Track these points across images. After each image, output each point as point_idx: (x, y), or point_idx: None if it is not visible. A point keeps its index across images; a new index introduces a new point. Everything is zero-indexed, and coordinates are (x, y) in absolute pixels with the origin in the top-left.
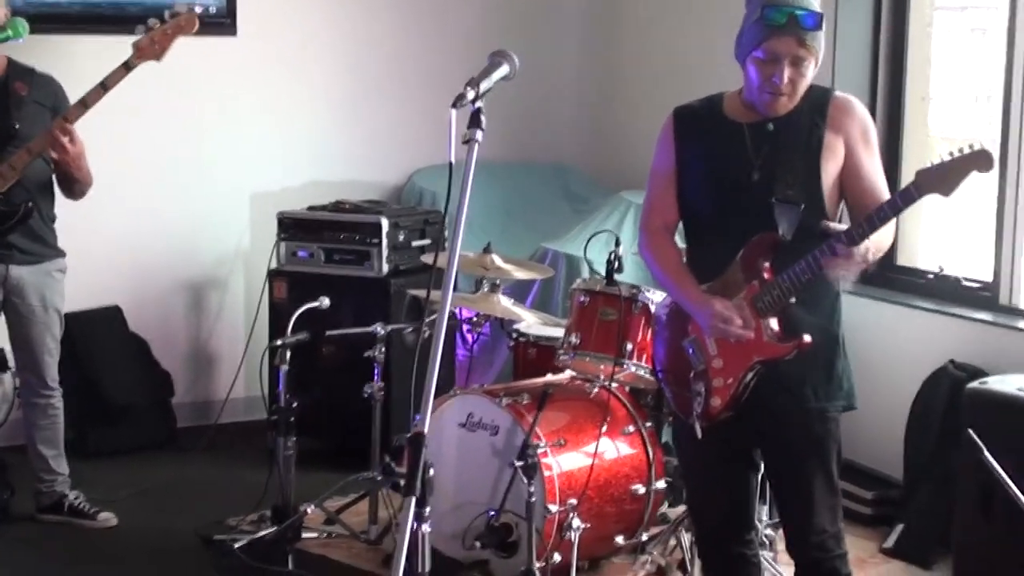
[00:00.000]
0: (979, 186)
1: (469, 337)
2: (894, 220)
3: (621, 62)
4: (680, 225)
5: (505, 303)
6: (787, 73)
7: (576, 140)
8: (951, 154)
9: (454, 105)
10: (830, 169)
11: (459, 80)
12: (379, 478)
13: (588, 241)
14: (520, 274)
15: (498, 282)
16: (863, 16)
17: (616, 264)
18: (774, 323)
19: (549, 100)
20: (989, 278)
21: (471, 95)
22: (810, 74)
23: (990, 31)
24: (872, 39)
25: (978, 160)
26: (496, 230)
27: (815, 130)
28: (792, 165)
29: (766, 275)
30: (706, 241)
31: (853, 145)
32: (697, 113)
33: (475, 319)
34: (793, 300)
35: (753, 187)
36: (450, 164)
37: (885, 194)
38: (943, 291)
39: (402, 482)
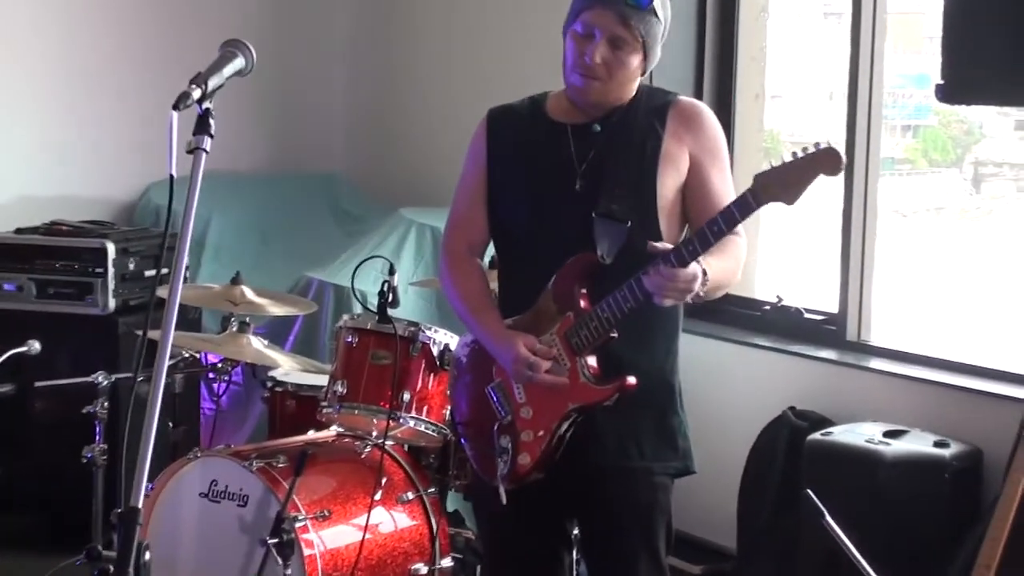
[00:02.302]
0: (822, 201)
1: (216, 387)
2: (742, 254)
3: (404, 57)
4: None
5: (258, 345)
6: (601, 52)
7: (347, 146)
8: (794, 155)
9: (176, 106)
10: (668, 183)
11: None
12: (79, 562)
13: (357, 269)
14: (277, 310)
15: (249, 320)
16: (685, 2)
17: (390, 297)
18: (592, 361)
19: (315, 98)
20: (834, 309)
21: (197, 94)
22: (633, 65)
23: (847, 16)
24: (696, 28)
25: (824, 161)
26: (248, 256)
27: (651, 135)
28: (620, 174)
29: (582, 304)
30: (519, 265)
31: (699, 158)
32: (515, 113)
33: (221, 365)
34: (615, 335)
35: (574, 199)
36: (171, 178)
37: None
38: (782, 325)
39: (111, 569)
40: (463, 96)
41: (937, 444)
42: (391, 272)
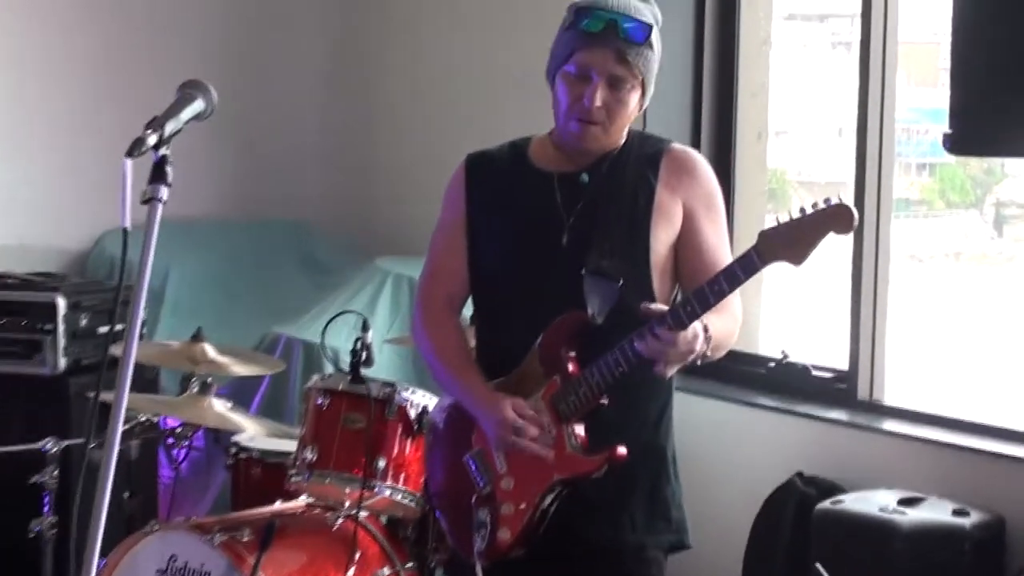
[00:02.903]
0: (830, 246)
1: (176, 454)
2: (739, 311)
3: (380, 98)
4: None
5: (220, 408)
6: (600, 95)
7: (319, 191)
8: (802, 211)
9: (130, 154)
10: (662, 237)
11: None
12: None
13: (328, 324)
14: (241, 369)
15: (211, 380)
16: (681, 34)
17: (364, 355)
18: (580, 430)
19: (283, 140)
20: (844, 366)
21: (152, 140)
22: (632, 103)
23: (855, 46)
24: (694, 63)
25: (835, 218)
26: (210, 311)
27: (644, 186)
28: (611, 228)
29: (570, 368)
30: (500, 323)
31: (693, 211)
32: (495, 160)
33: (180, 430)
34: (605, 401)
35: (561, 254)
36: (124, 231)
37: None
38: (788, 384)
39: None
40: (443, 139)
41: (956, 512)
42: (365, 328)
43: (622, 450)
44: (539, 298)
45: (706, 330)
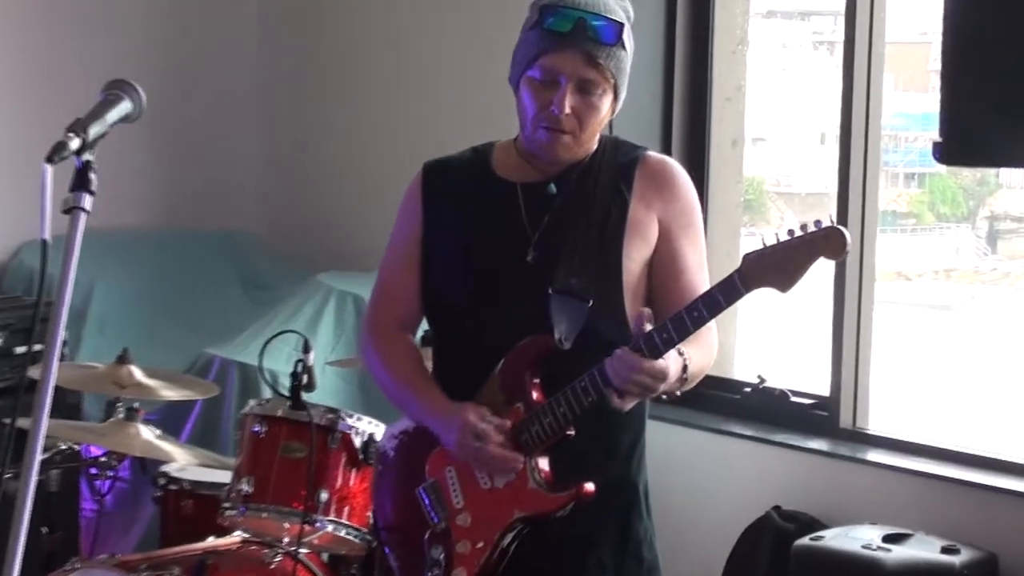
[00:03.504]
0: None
1: (99, 485)
2: (715, 338)
3: (325, 101)
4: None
5: (148, 436)
6: (570, 101)
7: (257, 201)
8: (790, 233)
9: (50, 159)
10: (635, 255)
11: None
12: None
13: (266, 345)
14: (171, 393)
15: (138, 405)
16: (650, 32)
17: (305, 378)
18: (544, 464)
19: (219, 145)
20: (826, 392)
21: (75, 144)
22: (604, 108)
23: (839, 46)
24: (664, 66)
25: (826, 243)
26: (138, 330)
27: (617, 199)
28: (581, 244)
29: (535, 396)
30: (459, 346)
31: (669, 227)
32: (455, 168)
33: (105, 459)
34: (571, 432)
35: (526, 271)
36: (43, 243)
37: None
38: (765, 410)
39: None
40: (393, 146)
41: (945, 550)
42: (306, 349)
43: (589, 486)
44: (501, 320)
45: (685, 369)
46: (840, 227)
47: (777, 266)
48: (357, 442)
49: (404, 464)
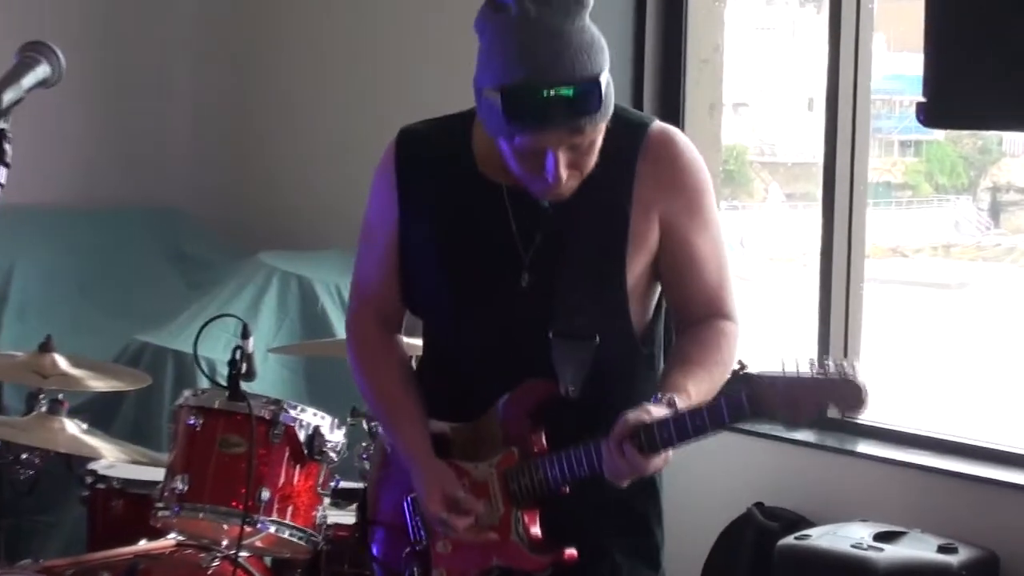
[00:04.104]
0: (796, 238)
1: (21, 484)
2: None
3: (267, 64)
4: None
5: (74, 430)
6: (564, 161)
7: (192, 174)
8: (811, 363)
9: None
10: (637, 269)
11: None
12: None
13: (202, 330)
14: (99, 384)
15: (62, 397)
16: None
17: (244, 367)
18: (529, 521)
19: (149, 114)
20: None
21: None
22: (600, 140)
23: (826, 2)
24: (635, 26)
25: (838, 392)
26: (63, 315)
27: (617, 211)
28: (579, 268)
29: (534, 447)
30: (446, 365)
31: (675, 221)
32: (431, 147)
33: (26, 457)
34: (566, 489)
35: (520, 298)
36: None
37: (727, 284)
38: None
39: None
40: (341, 114)
41: (942, 549)
42: (245, 335)
43: (572, 552)
44: (493, 354)
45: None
46: (857, 379)
47: (787, 400)
48: (301, 436)
49: (399, 466)
